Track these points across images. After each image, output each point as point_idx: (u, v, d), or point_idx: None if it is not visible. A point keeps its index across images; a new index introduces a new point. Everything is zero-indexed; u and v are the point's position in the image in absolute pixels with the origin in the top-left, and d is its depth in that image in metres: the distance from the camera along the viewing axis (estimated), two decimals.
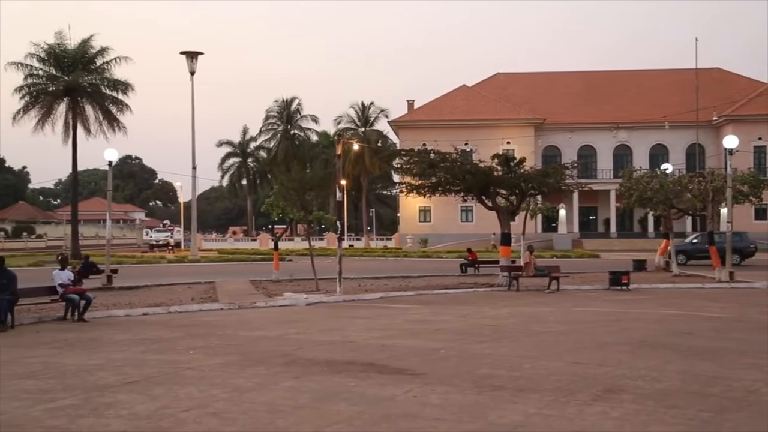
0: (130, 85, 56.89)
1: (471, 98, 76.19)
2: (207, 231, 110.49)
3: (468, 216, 72.41)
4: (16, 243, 78.89)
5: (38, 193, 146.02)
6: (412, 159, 29.95)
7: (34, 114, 55.33)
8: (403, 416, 7.98)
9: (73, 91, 54.80)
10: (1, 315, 15.75)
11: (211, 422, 7.73)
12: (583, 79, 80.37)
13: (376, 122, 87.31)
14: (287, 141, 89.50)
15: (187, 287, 26.55)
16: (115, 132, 56.71)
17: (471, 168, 28.89)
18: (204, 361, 11.44)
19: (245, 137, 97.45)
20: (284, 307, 20.67)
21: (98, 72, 56.87)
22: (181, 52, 53.89)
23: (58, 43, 55.99)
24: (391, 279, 30.32)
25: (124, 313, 18.77)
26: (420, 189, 29.74)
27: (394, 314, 18.44)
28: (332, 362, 11.31)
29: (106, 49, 56.88)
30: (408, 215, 75.04)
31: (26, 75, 55.40)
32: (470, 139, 65.08)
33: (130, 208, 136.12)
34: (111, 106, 56.78)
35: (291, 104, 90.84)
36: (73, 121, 55.20)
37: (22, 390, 9.38)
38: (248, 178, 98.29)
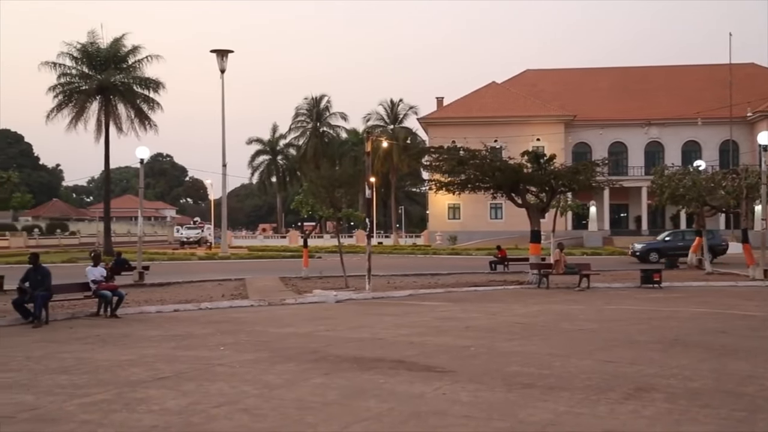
0: (161, 84, 57.51)
1: (500, 95, 75.87)
2: (237, 228, 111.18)
3: (497, 213, 72.15)
4: (50, 240, 79.98)
5: (72, 190, 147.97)
6: (441, 156, 29.89)
7: (67, 112, 56.16)
8: (433, 414, 7.97)
9: (105, 89, 55.46)
10: (36, 311, 15.97)
11: (242, 418, 7.77)
12: (615, 75, 79.67)
13: (405, 119, 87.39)
14: (316, 138, 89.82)
15: (217, 284, 26.74)
16: (146, 130, 57.39)
17: (500, 165, 28.74)
18: (234, 358, 11.50)
19: (275, 135, 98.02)
20: (314, 304, 20.73)
21: (130, 70, 57.51)
22: (212, 50, 54.27)
23: (90, 42, 56.69)
24: (420, 276, 30.29)
25: (155, 309, 18.94)
26: (449, 186, 29.67)
27: (423, 311, 18.42)
28: (361, 359, 11.32)
29: (138, 48, 57.53)
30: (437, 212, 74.91)
31: (59, 74, 56.20)
32: (500, 136, 64.76)
33: (162, 206, 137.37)
34: (142, 104, 57.40)
35: (320, 102, 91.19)
36: (106, 119, 55.86)
37: (56, 385, 9.51)
38: (278, 176, 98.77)
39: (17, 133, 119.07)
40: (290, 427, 7.48)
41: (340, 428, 7.40)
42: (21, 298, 16.32)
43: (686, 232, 44.82)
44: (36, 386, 9.44)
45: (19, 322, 16.09)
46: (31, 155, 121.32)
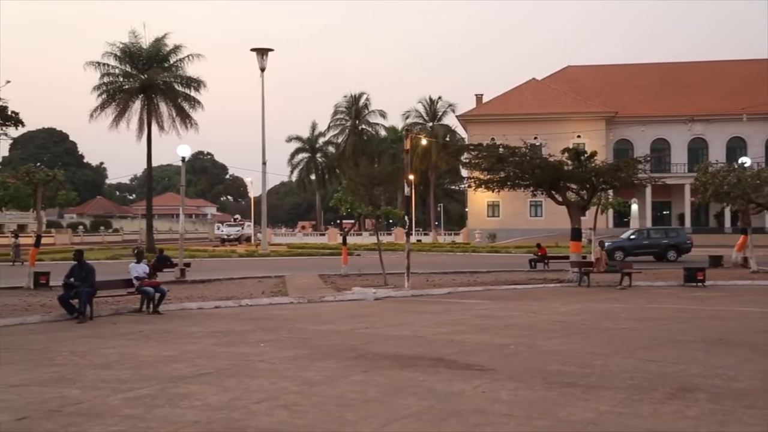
0: (202, 82, 58.19)
1: (540, 92, 75.31)
2: (276, 225, 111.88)
3: (537, 211, 71.66)
4: (94, 237, 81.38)
5: (115, 188, 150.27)
6: (480, 153, 29.76)
7: (110, 111, 57.13)
8: (473, 412, 7.94)
9: (147, 88, 56.25)
10: (81, 307, 16.25)
11: (282, 414, 7.82)
12: (657, 71, 78.58)
13: (444, 117, 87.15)
14: (355, 136, 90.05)
15: (257, 281, 26.95)
16: (187, 128, 58.12)
17: (540, 162, 28.53)
18: (274, 354, 11.58)
19: (314, 133, 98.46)
20: (353, 302, 20.80)
21: (171, 70, 58.25)
22: (252, 49, 54.61)
23: (133, 42, 57.54)
24: (459, 274, 30.20)
25: (196, 305, 19.16)
26: (489, 184, 29.53)
27: (462, 309, 18.36)
28: (401, 357, 11.32)
29: (179, 47, 58.27)
30: (476, 210, 74.64)
31: (103, 74, 57.13)
32: (540, 133, 64.32)
33: (202, 203, 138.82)
34: (183, 102, 58.11)
35: (359, 99, 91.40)
36: (148, 117, 56.67)
37: (100, 379, 9.67)
38: (317, 173, 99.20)
39: (62, 132, 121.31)
40: (330, 423, 7.51)
41: (380, 426, 7.41)
42: (66, 294, 16.61)
43: (651, 230, 44.33)
44: (81, 380, 9.60)
45: (64, 317, 16.38)
46: (75, 154, 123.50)
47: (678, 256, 40.13)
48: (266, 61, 54.37)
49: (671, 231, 44.13)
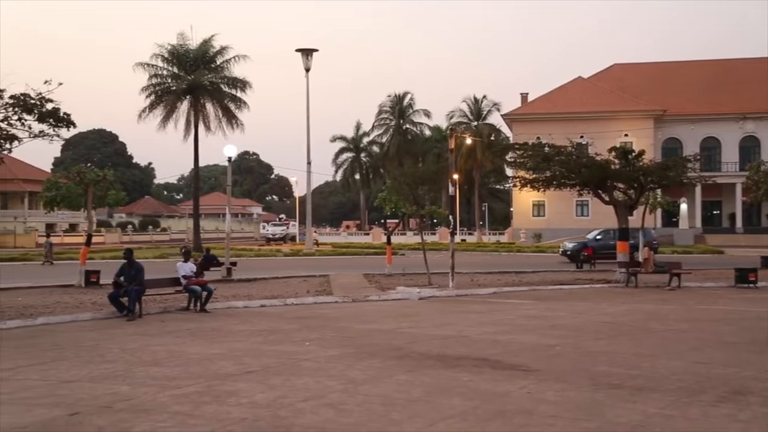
0: (248, 83, 58.73)
1: (587, 90, 74.44)
2: (321, 225, 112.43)
3: (584, 210, 70.80)
4: (142, 236, 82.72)
5: (162, 188, 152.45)
6: (525, 153, 29.57)
7: (158, 112, 57.95)
8: (518, 412, 7.89)
9: (194, 89, 56.96)
10: (130, 305, 16.53)
11: (328, 413, 7.86)
12: (707, 68, 77.10)
13: (489, 116, 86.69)
14: (400, 136, 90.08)
15: (302, 280, 27.11)
16: (233, 129, 58.70)
17: (587, 161, 28.24)
18: (319, 353, 11.65)
19: (358, 132, 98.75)
20: (397, 301, 20.81)
21: (218, 71, 58.90)
22: (297, 49, 54.96)
23: (180, 43, 58.31)
24: (504, 274, 30.04)
25: (243, 304, 19.35)
26: (534, 183, 29.33)
27: (507, 309, 18.26)
28: (445, 357, 11.30)
29: (226, 49, 58.88)
30: (521, 209, 74.07)
31: (151, 75, 58.00)
32: (586, 132, 63.56)
33: (248, 203, 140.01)
34: (230, 103, 58.70)
35: (403, 99, 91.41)
36: (195, 118, 57.38)
37: (149, 376, 9.82)
38: (361, 173, 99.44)
39: (112, 133, 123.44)
40: (375, 422, 7.53)
41: (425, 425, 7.40)
42: (116, 292, 16.91)
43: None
44: (131, 377, 9.77)
45: (114, 315, 16.68)
46: (124, 154, 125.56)
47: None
48: (311, 61, 54.66)
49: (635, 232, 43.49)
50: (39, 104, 15.41)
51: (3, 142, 15.86)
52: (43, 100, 15.40)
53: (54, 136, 16.35)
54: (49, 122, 15.90)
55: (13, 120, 15.50)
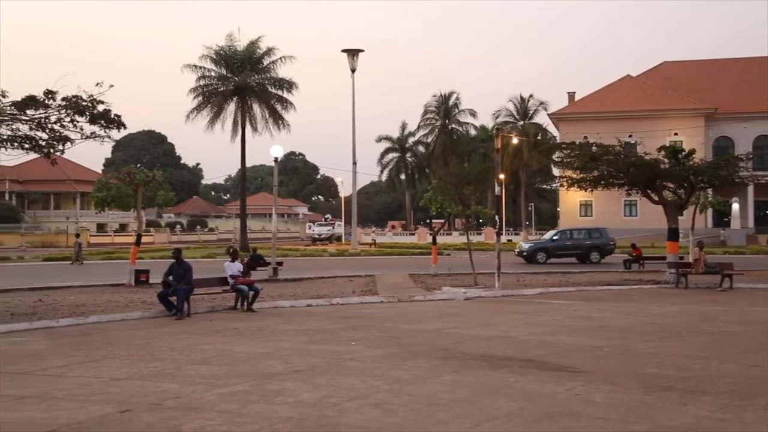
0: (294, 84, 59.12)
1: (635, 88, 73.42)
2: (366, 225, 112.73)
3: (632, 210, 69.84)
4: (190, 236, 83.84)
5: (210, 188, 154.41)
6: (573, 152, 29.27)
7: (206, 113, 58.67)
8: (566, 414, 7.81)
9: (241, 90, 57.56)
10: (179, 304, 16.76)
11: (373, 413, 7.87)
12: (760, 65, 75.41)
13: (535, 115, 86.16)
14: (445, 135, 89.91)
15: (348, 280, 27.20)
16: (279, 129, 59.18)
17: (636, 161, 27.84)
18: (365, 353, 11.67)
19: (404, 132, 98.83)
20: (443, 301, 20.76)
21: (265, 72, 59.40)
22: (343, 50, 55.16)
23: (228, 45, 58.96)
24: (551, 274, 29.77)
25: (289, 304, 19.48)
26: (581, 183, 29.02)
27: (554, 310, 18.10)
28: (491, 357, 11.24)
29: (272, 50, 59.37)
30: (568, 209, 73.34)
31: (199, 77, 58.76)
32: (634, 131, 62.67)
33: (294, 203, 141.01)
34: (276, 104, 59.19)
35: (449, 99, 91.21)
36: (242, 119, 57.98)
37: (197, 375, 9.95)
38: (406, 173, 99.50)
39: (161, 134, 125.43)
40: (421, 423, 7.51)
41: (471, 426, 7.37)
42: (165, 291, 17.17)
43: (574, 231, 42.29)
44: (180, 375, 9.90)
45: (163, 314, 16.93)
46: (173, 155, 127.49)
47: (601, 258, 38.94)
48: (357, 62, 54.82)
49: (594, 232, 42.60)
50: (90, 106, 15.69)
51: (56, 143, 16.17)
52: (94, 102, 15.68)
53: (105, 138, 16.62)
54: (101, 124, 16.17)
55: (66, 122, 15.81)
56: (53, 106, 15.54)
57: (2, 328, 14.61)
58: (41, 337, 13.66)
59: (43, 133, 15.94)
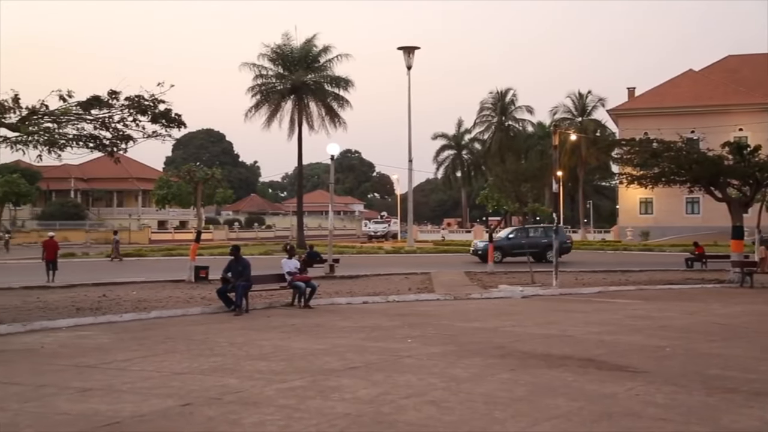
0: (350, 82, 59.34)
1: (698, 83, 71.79)
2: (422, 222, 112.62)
3: (694, 208, 68.38)
4: (248, 233, 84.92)
5: (267, 186, 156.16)
6: (633, 148, 28.84)
7: (263, 111, 59.29)
8: (625, 415, 7.69)
9: (298, 88, 58.01)
10: (238, 300, 16.97)
11: (430, 410, 7.86)
12: None
13: (594, 111, 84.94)
14: (502, 132, 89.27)
15: (403, 277, 27.22)
16: (336, 127, 59.50)
17: (698, 157, 27.28)
18: (421, 350, 11.66)
19: (460, 129, 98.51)
20: (499, 299, 20.64)
21: (321, 70, 59.75)
22: (399, 47, 55.19)
23: (285, 43, 59.47)
24: (610, 273, 29.35)
25: (345, 301, 19.58)
26: (641, 180, 28.57)
27: (613, 309, 17.83)
28: (549, 356, 11.13)
29: (328, 48, 59.67)
30: (628, 207, 72.15)
31: (256, 75, 59.41)
32: (697, 127, 61.35)
33: (350, 200, 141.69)
34: (333, 102, 59.49)
35: (505, 95, 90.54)
36: (298, 117, 58.44)
37: (256, 370, 10.07)
38: (462, 170, 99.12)
39: (219, 132, 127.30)
40: (478, 421, 7.48)
41: (529, 425, 7.31)
42: (224, 287, 17.40)
43: (530, 229, 40.78)
44: (239, 371, 10.04)
45: (222, 310, 17.18)
46: (231, 153, 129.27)
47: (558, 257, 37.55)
48: (413, 59, 54.80)
49: (551, 230, 41.40)
50: (152, 105, 15.97)
51: (119, 142, 16.51)
52: (156, 101, 15.96)
53: (166, 136, 16.91)
54: (162, 123, 16.45)
55: (129, 121, 16.13)
56: (117, 105, 15.86)
57: (68, 322, 15.02)
58: (105, 331, 14.00)
59: (107, 133, 16.29)
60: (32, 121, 15.30)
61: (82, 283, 23.70)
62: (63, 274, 25.76)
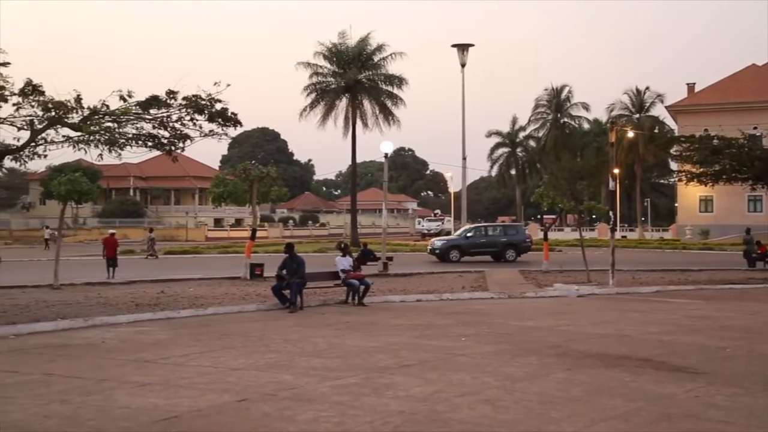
0: (404, 80, 59.38)
1: (761, 78, 69.92)
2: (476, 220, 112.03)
3: (756, 206, 66.66)
4: (302, 230, 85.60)
5: (321, 184, 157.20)
6: (692, 145, 28.34)
7: (318, 110, 59.72)
8: (685, 416, 7.54)
9: (352, 87, 58.27)
10: (292, 297, 17.14)
11: (484, 409, 7.83)
12: None
13: (652, 108, 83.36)
14: (557, 130, 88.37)
15: (457, 275, 27.12)
16: (390, 125, 59.59)
17: (761, 154, 26.68)
18: (475, 349, 11.61)
19: (514, 127, 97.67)
20: (554, 298, 20.43)
21: (375, 68, 59.91)
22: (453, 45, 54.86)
23: (340, 42, 59.78)
24: (668, 272, 28.79)
25: (399, 298, 19.60)
26: (701, 177, 28.04)
27: (672, 309, 17.50)
28: (606, 356, 10.97)
29: (382, 46, 59.78)
30: (687, 205, 70.70)
31: (311, 74, 59.84)
32: (760, 123, 59.63)
33: (404, 198, 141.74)
34: (386, 100, 59.59)
35: (561, 92, 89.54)
36: (353, 115, 58.70)
37: (310, 367, 10.14)
38: (517, 168, 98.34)
39: (274, 131, 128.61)
40: (533, 420, 7.41)
41: (586, 425, 7.22)
42: (279, 284, 17.58)
43: (489, 227, 39.28)
44: (293, 367, 10.13)
45: (277, 307, 17.35)
46: (286, 151, 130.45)
47: (517, 256, 36.75)
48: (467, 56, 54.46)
49: (510, 228, 40.04)
50: (209, 105, 16.20)
51: (177, 141, 16.78)
52: (212, 100, 16.18)
53: (222, 135, 17.13)
54: (218, 122, 16.67)
55: (186, 120, 16.40)
56: (174, 105, 16.13)
57: (128, 317, 15.34)
58: (163, 327, 14.26)
59: (165, 132, 16.58)
60: (93, 120, 15.64)
61: (141, 279, 24.18)
62: (122, 270, 26.33)
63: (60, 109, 15.21)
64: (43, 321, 14.48)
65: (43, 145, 15.75)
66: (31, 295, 19.46)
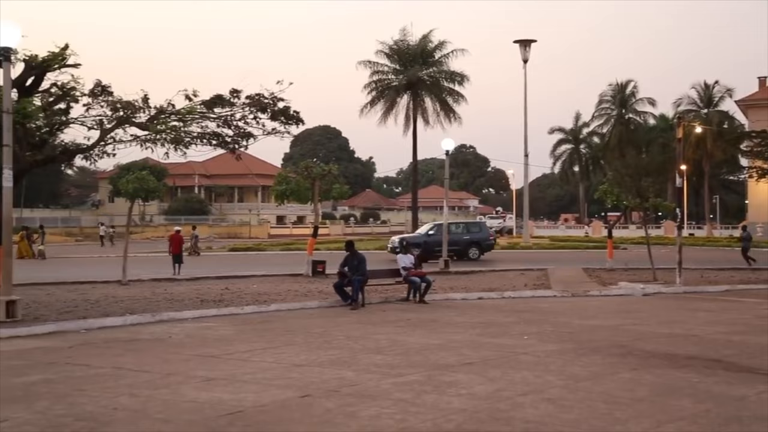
0: (465, 77, 59.11)
1: None
2: (538, 218, 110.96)
3: None
4: (363, 228, 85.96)
5: (382, 181, 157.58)
6: (764, 141, 27.52)
7: (379, 108, 59.89)
8: (757, 419, 7.33)
9: (413, 84, 58.24)
10: (354, 294, 17.22)
11: (548, 408, 7.74)
12: None
13: (721, 103, 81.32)
14: (621, 126, 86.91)
15: (519, 273, 26.87)
16: (451, 122, 59.41)
17: None
18: (538, 347, 11.50)
19: (577, 123, 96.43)
20: (619, 297, 20.07)
21: (436, 65, 59.76)
22: (515, 40, 54.56)
23: (401, 39, 59.82)
24: (739, 270, 28.02)
25: (460, 296, 19.52)
26: None
27: (742, 308, 17.04)
28: (673, 356, 10.74)
29: (444, 43, 59.60)
30: (758, 202, 68.63)
31: (372, 72, 60.03)
32: None
33: (465, 196, 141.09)
34: (448, 97, 59.41)
35: (626, 87, 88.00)
36: (414, 112, 58.67)
37: (372, 364, 10.18)
38: (580, 165, 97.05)
39: (336, 129, 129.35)
40: (598, 420, 7.30)
41: (652, 426, 7.08)
42: (341, 281, 17.70)
43: (452, 225, 37.13)
44: (355, 364, 10.18)
45: (338, 303, 17.46)
46: (347, 149, 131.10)
47: (480, 254, 35.62)
48: (529, 52, 54.03)
49: (473, 226, 38.46)
50: (272, 103, 16.42)
51: (240, 139, 17.05)
52: (275, 99, 16.39)
53: (284, 133, 17.33)
54: (281, 120, 16.88)
55: (249, 119, 16.65)
56: (238, 104, 16.39)
57: (194, 313, 15.63)
58: (228, 323, 14.49)
59: (229, 130, 16.86)
60: (160, 120, 15.99)
61: (205, 276, 24.60)
62: (188, 267, 26.82)
63: (128, 109, 15.61)
64: (112, 316, 14.88)
65: (112, 144, 16.17)
66: (101, 290, 20.00)
